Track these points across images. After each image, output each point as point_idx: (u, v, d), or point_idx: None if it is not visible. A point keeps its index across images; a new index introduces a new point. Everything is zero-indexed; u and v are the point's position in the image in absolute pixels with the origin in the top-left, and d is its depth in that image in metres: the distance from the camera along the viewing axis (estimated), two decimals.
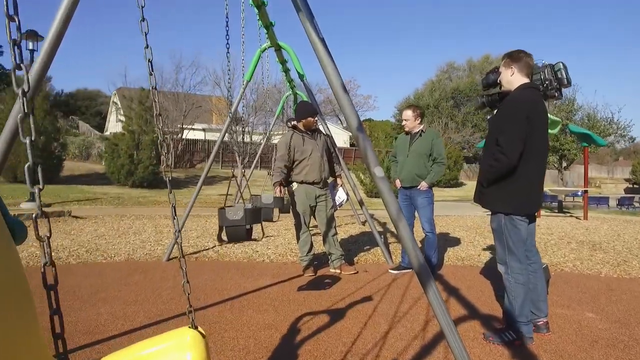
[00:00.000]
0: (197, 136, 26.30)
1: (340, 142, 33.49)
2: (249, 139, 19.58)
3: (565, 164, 25.77)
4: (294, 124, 4.65)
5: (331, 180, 4.92)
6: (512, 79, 2.80)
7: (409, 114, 4.64)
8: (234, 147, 18.80)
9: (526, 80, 2.78)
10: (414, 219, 4.68)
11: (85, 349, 2.61)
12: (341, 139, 34.95)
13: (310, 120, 4.53)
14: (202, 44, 61.50)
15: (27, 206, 8.75)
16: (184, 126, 24.19)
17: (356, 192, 6.46)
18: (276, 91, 23.74)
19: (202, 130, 27.27)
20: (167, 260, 4.99)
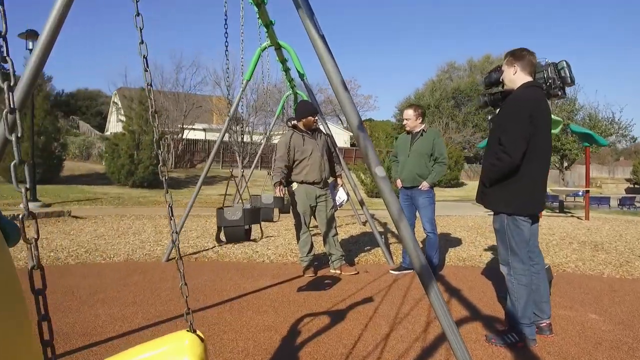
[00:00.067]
0: (197, 136, 26.32)
1: (340, 142, 33.49)
2: (249, 139, 19.57)
3: (566, 163, 25.71)
4: (294, 123, 4.62)
5: (331, 180, 4.89)
6: (515, 77, 2.76)
7: (410, 113, 4.61)
8: (234, 147, 18.81)
9: (529, 78, 2.74)
10: (415, 219, 4.65)
11: (82, 351, 2.58)
12: (342, 138, 34.95)
13: (310, 119, 4.50)
14: (202, 44, 61.63)
15: None
16: (185, 126, 24.20)
17: (357, 192, 6.42)
18: (276, 91, 23.69)
19: (203, 130, 27.31)
20: (167, 260, 4.96)
